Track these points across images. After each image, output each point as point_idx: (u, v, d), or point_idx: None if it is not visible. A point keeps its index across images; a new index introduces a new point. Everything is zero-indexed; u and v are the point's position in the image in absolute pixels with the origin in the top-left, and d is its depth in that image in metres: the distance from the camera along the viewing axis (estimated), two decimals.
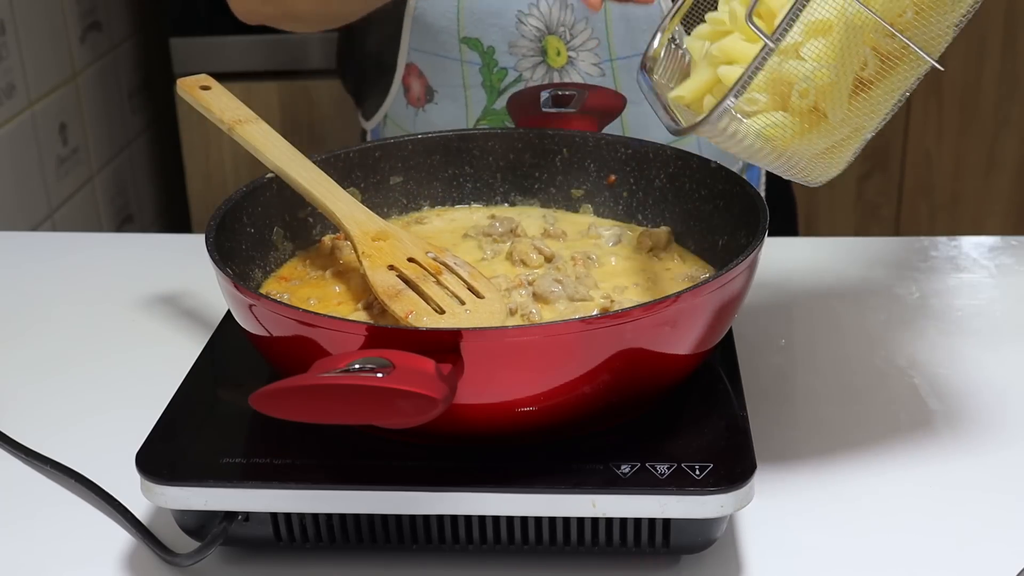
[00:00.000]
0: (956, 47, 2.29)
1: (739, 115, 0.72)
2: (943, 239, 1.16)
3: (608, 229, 0.93)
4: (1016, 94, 2.29)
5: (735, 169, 1.10)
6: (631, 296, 0.84)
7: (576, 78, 1.18)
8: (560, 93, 1.02)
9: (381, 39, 1.22)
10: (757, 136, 0.72)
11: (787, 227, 1.40)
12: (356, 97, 1.34)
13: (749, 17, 0.72)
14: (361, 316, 0.82)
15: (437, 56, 1.18)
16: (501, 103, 1.18)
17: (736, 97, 0.71)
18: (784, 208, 1.40)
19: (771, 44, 0.70)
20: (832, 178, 0.77)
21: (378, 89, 1.25)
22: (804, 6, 0.69)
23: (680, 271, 0.88)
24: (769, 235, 1.19)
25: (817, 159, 0.74)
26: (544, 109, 1.01)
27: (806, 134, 0.73)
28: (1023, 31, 2.25)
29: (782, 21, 0.69)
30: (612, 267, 0.89)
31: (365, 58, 1.26)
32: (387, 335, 0.68)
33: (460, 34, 1.16)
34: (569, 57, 1.15)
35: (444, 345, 0.67)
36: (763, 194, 1.24)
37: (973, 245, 1.15)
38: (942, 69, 0.72)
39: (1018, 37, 2.26)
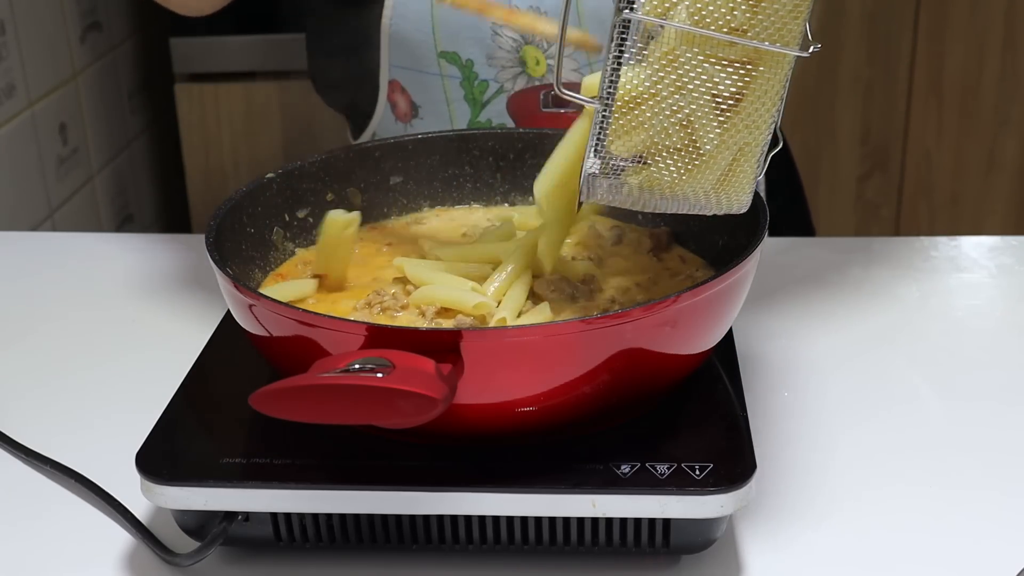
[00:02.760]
0: (956, 47, 2.31)
1: (611, 176, 0.71)
2: (943, 239, 1.16)
3: (608, 229, 0.93)
4: (1016, 94, 2.29)
5: None
6: (631, 296, 0.84)
7: None
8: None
9: (360, 58, 1.21)
10: (641, 190, 0.71)
11: (801, 223, 1.40)
12: (343, 113, 1.33)
13: (557, 85, 0.71)
14: (361, 316, 0.82)
15: (417, 72, 1.17)
16: (485, 115, 1.18)
17: (594, 160, 0.71)
18: (795, 206, 1.40)
19: (596, 104, 0.70)
20: (751, 198, 0.73)
21: (363, 109, 1.24)
22: (620, 56, 0.68)
23: (680, 271, 0.88)
24: (783, 233, 1.20)
25: (719, 189, 0.71)
26: (544, 109, 1.01)
27: (688, 172, 0.70)
28: (1023, 31, 2.25)
29: (602, 78, 0.69)
30: (612, 267, 0.88)
31: (346, 79, 1.26)
32: (387, 335, 0.68)
33: (437, 48, 1.15)
34: (548, 65, 1.15)
35: (444, 345, 0.67)
36: (763, 194, 1.24)
37: (973, 245, 1.15)
38: (807, 55, 0.67)
39: (1018, 37, 2.26)
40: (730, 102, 0.68)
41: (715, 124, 0.68)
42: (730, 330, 0.84)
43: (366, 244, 0.93)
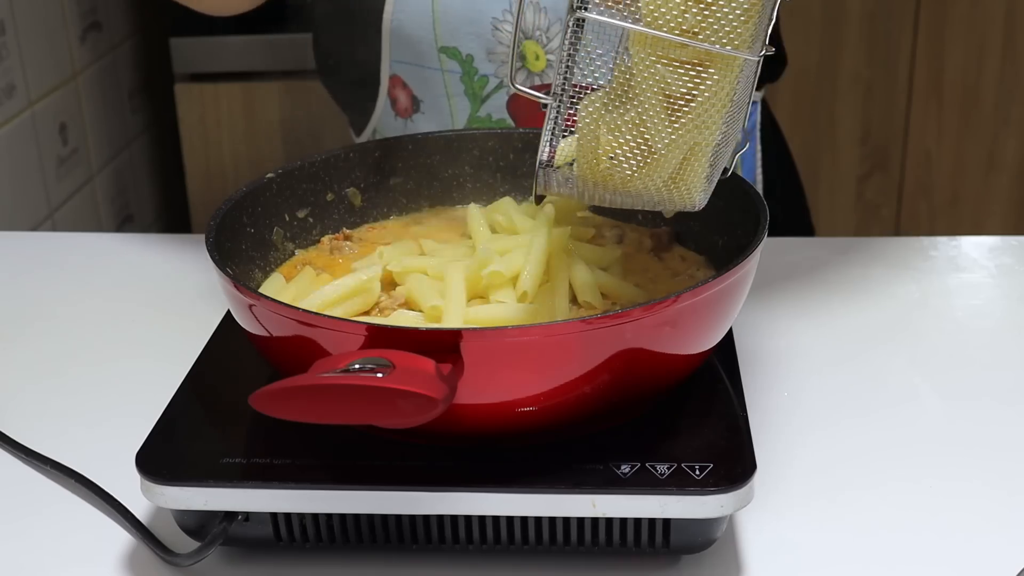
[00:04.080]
0: (956, 47, 2.31)
1: (564, 171, 0.73)
2: (943, 239, 1.16)
3: (609, 229, 0.93)
4: (1016, 94, 2.29)
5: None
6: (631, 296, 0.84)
7: None
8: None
9: (362, 53, 1.22)
10: (595, 184, 0.72)
11: (801, 223, 1.40)
12: (345, 111, 1.33)
13: (512, 82, 0.73)
14: (361, 316, 0.82)
15: (418, 67, 1.18)
16: (485, 110, 1.18)
17: (544, 157, 0.72)
18: (795, 206, 1.40)
19: (549, 100, 0.71)
20: (708, 195, 0.73)
21: (365, 103, 1.25)
22: (573, 55, 0.69)
23: (680, 271, 0.88)
24: (783, 233, 1.20)
25: (670, 187, 0.72)
26: (544, 110, 1.01)
27: (639, 170, 0.71)
28: (1023, 31, 2.25)
29: (556, 75, 0.70)
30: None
31: (348, 74, 1.26)
32: (387, 335, 0.68)
33: (438, 44, 1.16)
34: (548, 60, 1.15)
35: (444, 345, 0.67)
36: (762, 194, 1.24)
37: (973, 245, 1.15)
38: (756, 58, 0.68)
39: (1018, 37, 2.26)
40: (681, 102, 0.69)
41: (666, 123, 0.69)
42: (730, 330, 0.84)
43: (365, 244, 0.93)
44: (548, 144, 0.72)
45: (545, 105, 0.72)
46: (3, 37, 1.71)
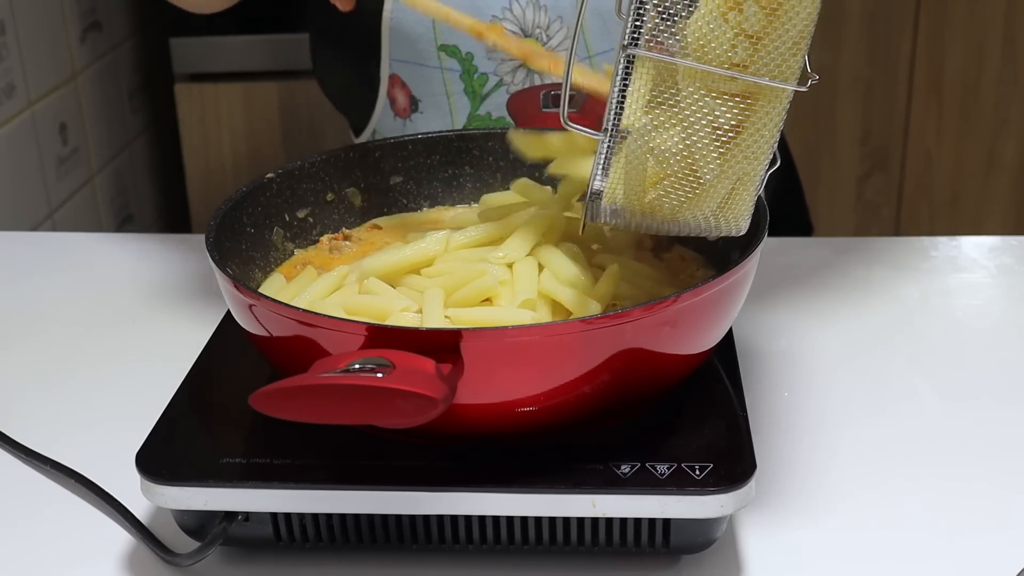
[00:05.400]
0: (956, 47, 2.30)
1: (612, 203, 0.73)
2: (943, 239, 1.16)
3: (609, 229, 0.93)
4: (1016, 94, 2.29)
5: None
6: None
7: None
8: (560, 94, 1.02)
9: (361, 53, 1.22)
10: (643, 215, 0.73)
11: (801, 223, 1.41)
12: (344, 113, 1.33)
13: (564, 119, 0.73)
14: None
15: (418, 65, 1.18)
16: (485, 108, 1.18)
17: (594, 189, 0.73)
18: (795, 206, 1.40)
19: (600, 136, 0.71)
20: (750, 218, 0.74)
21: (364, 104, 1.24)
22: (625, 90, 0.70)
23: (680, 271, 0.88)
24: (780, 234, 1.20)
25: (718, 215, 0.73)
26: (544, 109, 1.01)
27: (688, 200, 0.71)
28: (1023, 31, 2.25)
29: (607, 111, 0.71)
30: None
31: (347, 74, 1.26)
32: (387, 335, 0.68)
33: (437, 42, 1.16)
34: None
35: (444, 345, 0.67)
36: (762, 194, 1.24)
37: (973, 245, 1.15)
38: (805, 90, 0.69)
39: (1018, 37, 2.26)
40: (730, 134, 0.69)
41: (715, 155, 0.70)
42: (730, 330, 0.84)
43: (364, 244, 0.93)
44: (598, 177, 0.73)
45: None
46: (3, 37, 1.71)
